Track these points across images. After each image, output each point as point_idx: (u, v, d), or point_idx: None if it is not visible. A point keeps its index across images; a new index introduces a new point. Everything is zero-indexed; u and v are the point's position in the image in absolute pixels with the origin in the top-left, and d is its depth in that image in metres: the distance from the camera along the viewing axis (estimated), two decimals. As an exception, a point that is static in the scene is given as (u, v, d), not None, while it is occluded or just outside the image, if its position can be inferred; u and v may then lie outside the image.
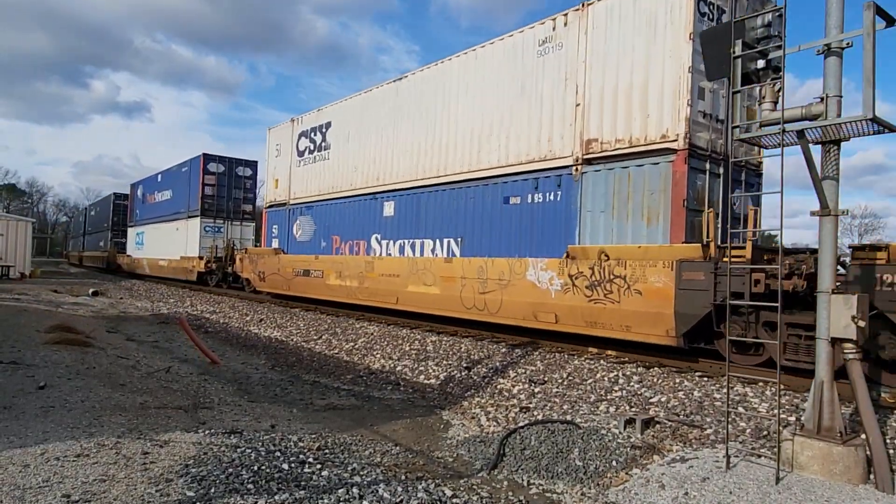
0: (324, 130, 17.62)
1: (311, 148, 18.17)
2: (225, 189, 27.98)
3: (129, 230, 39.24)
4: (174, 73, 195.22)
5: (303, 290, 17.75)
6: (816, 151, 5.29)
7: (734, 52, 5.24)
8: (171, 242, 30.17)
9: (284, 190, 19.56)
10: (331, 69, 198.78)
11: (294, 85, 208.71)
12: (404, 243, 14.00)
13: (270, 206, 20.50)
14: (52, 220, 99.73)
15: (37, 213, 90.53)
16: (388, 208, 14.66)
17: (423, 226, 13.50)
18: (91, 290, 24.47)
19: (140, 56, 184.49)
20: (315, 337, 14.00)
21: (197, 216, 27.41)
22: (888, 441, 5.51)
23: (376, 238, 15.00)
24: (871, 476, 4.84)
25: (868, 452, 4.92)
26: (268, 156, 20.86)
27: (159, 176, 33.48)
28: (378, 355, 11.66)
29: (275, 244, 20.07)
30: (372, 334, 13.27)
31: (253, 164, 29.15)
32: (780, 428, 5.21)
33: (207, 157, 27.67)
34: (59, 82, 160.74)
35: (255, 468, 4.62)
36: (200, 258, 26.63)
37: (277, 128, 20.45)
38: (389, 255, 14.37)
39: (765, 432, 6.08)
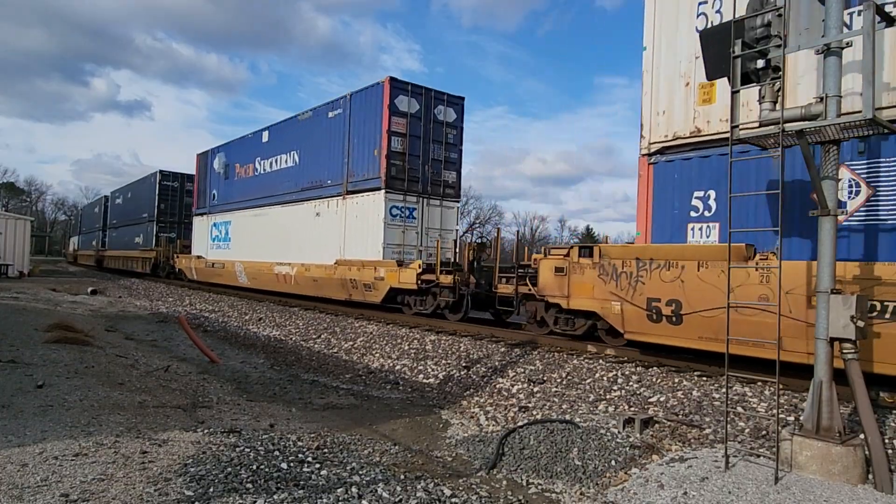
0: None
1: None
2: (419, 144, 15.47)
3: (197, 220, 27.30)
4: (175, 71, 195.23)
5: None
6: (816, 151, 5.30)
7: (734, 52, 5.23)
8: (300, 238, 18.76)
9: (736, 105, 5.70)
10: (332, 67, 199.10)
11: (295, 83, 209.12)
12: None
13: (670, 150, 8.75)
14: (51, 219, 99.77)
15: (35, 212, 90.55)
16: None
17: None
18: (90, 289, 24.49)
19: (141, 54, 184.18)
20: (314, 336, 13.99)
21: (378, 189, 15.31)
22: (887, 441, 5.52)
23: None
24: (870, 476, 4.85)
25: (867, 452, 4.92)
26: (654, 34, 8.91)
27: (265, 133, 21.47)
28: (377, 354, 11.66)
29: (695, 234, 8.41)
30: (371, 333, 13.26)
31: (457, 102, 16.37)
32: (779, 428, 5.21)
33: (396, 85, 15.19)
34: (59, 80, 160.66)
35: (254, 467, 4.62)
36: (400, 264, 14.46)
37: None
38: None
39: (763, 432, 6.09)
